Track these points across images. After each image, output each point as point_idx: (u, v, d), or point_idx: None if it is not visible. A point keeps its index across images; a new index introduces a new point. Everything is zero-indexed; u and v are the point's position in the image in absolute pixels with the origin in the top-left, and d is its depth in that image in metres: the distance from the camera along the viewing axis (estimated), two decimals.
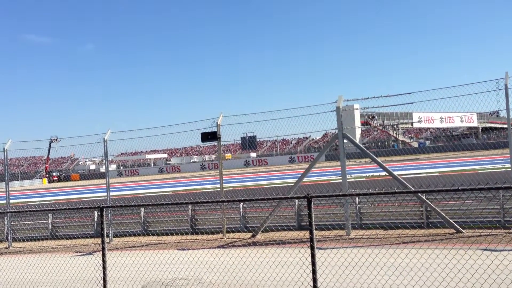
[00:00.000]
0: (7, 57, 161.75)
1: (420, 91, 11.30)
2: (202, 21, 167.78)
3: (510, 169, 10.34)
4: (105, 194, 14.04)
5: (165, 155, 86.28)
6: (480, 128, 63.11)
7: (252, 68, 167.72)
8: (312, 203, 5.89)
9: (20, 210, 13.88)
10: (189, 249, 11.20)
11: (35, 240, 14.35)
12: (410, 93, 11.53)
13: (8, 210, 13.77)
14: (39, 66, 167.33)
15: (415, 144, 59.26)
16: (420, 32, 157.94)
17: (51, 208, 9.44)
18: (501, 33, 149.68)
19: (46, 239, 14.65)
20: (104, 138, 13.70)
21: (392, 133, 61.87)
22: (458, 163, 28.78)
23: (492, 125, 63.54)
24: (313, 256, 5.83)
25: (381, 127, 59.97)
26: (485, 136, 60.93)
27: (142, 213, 14.21)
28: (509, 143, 10.28)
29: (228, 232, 12.78)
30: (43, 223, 15.16)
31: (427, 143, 59.44)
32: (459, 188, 5.46)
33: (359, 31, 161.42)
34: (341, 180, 11.72)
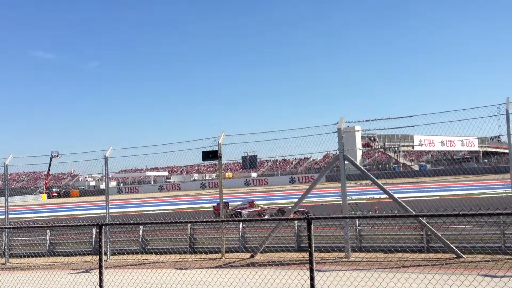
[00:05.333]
0: (15, 73, 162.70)
1: (422, 114, 11.37)
2: (201, 37, 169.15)
3: (511, 195, 10.30)
4: (104, 211, 13.99)
5: (166, 173, 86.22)
6: (481, 152, 63.09)
7: (254, 86, 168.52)
8: (312, 225, 5.87)
9: (18, 226, 13.82)
10: (187, 269, 11.10)
11: (32, 256, 14.25)
12: (412, 116, 11.59)
13: (6, 226, 13.72)
14: (45, 82, 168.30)
15: (416, 167, 59.15)
16: (421, 53, 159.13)
17: (49, 225, 9.39)
18: (502, 56, 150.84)
19: (44, 255, 14.54)
20: (105, 155, 13.72)
21: (393, 156, 61.85)
22: (459, 187, 28.67)
23: (493, 149, 63.53)
24: (312, 278, 5.78)
25: (382, 149, 59.99)
26: (486, 160, 60.91)
27: (141, 231, 14.14)
28: (510, 168, 10.27)
29: (227, 252, 12.69)
30: (41, 239, 15.07)
31: (428, 166, 59.34)
32: (460, 213, 5.44)
33: (360, 50, 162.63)
34: (341, 202, 11.68)
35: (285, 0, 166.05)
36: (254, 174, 71.83)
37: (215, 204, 20.66)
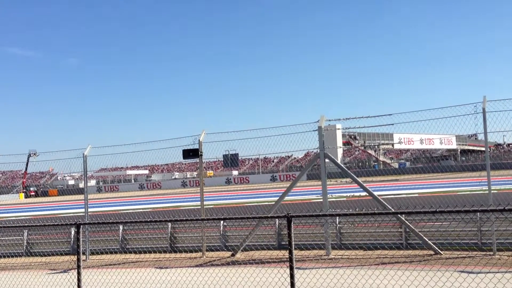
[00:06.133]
0: None
1: (401, 112, 11.46)
2: (183, 35, 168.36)
3: (487, 192, 10.49)
4: (83, 210, 13.81)
5: (146, 171, 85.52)
6: (459, 150, 64.12)
7: (234, 84, 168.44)
8: (292, 223, 5.89)
9: None
10: (167, 268, 11.03)
11: (9, 256, 13.98)
12: (391, 114, 11.69)
13: None
14: (22, 80, 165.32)
15: (396, 165, 59.88)
16: (400, 51, 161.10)
17: (26, 224, 9.23)
18: (480, 55, 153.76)
19: (21, 255, 14.29)
20: (83, 154, 13.53)
21: (373, 154, 62.48)
22: (437, 185, 29.11)
23: (471, 147, 64.64)
24: (292, 276, 5.80)
25: (362, 147, 60.57)
26: (463, 158, 61.92)
27: (121, 230, 13.99)
28: (487, 165, 10.45)
29: (207, 250, 12.65)
30: (18, 239, 14.79)
31: (407, 164, 60.12)
32: (437, 210, 5.51)
33: (341, 49, 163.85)
34: (321, 200, 11.74)
35: None
36: (235, 173, 71.79)
37: None
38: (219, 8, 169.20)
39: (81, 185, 56.29)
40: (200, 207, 12.77)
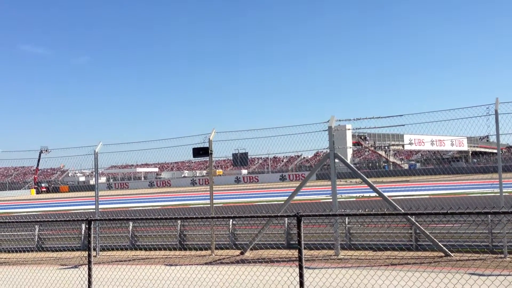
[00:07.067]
0: (3, 67, 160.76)
1: (412, 113, 11.39)
2: (193, 35, 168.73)
3: (499, 194, 10.40)
4: (93, 206, 13.92)
5: (156, 169, 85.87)
6: (470, 152, 63.63)
7: (246, 83, 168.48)
8: (302, 222, 5.89)
9: (6, 220, 13.70)
10: (176, 265, 11.08)
11: (20, 251, 14.14)
12: (402, 115, 11.63)
13: None
14: (34, 77, 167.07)
15: (406, 166, 59.50)
16: (412, 53, 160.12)
17: (37, 220, 9.34)
18: (492, 57, 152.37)
19: (32, 250, 14.44)
20: (95, 151, 13.63)
21: (383, 154, 62.20)
22: (448, 186, 28.90)
23: (482, 149, 64.11)
24: (301, 275, 5.81)
25: (372, 148, 60.29)
26: (475, 160, 61.41)
27: (131, 227, 14.08)
28: (499, 168, 10.37)
29: (216, 248, 12.69)
30: (30, 235, 14.95)
31: (418, 165, 59.70)
32: (448, 211, 5.48)
33: (352, 50, 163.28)
34: (331, 200, 11.72)
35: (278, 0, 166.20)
36: (244, 171, 71.88)
37: None
38: (229, 8, 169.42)
39: (92, 182, 56.72)
40: (209, 205, 12.81)
